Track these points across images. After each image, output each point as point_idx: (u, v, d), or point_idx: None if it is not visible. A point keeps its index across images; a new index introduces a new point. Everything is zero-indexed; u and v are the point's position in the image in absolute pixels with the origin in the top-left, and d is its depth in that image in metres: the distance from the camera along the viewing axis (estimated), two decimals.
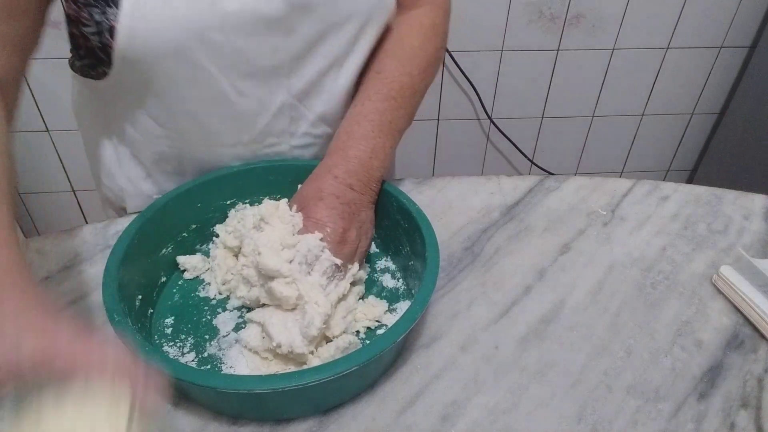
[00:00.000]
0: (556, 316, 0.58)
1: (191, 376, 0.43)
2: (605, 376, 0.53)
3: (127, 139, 0.66)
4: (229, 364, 0.52)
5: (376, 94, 0.61)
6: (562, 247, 0.66)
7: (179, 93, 0.58)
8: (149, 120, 0.62)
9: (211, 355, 0.53)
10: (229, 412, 0.48)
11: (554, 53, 1.55)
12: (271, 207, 0.57)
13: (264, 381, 0.43)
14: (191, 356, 0.53)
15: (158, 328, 0.56)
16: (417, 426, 0.48)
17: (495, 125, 1.66)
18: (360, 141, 0.59)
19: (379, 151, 0.59)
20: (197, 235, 0.63)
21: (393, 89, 0.61)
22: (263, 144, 0.65)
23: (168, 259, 0.61)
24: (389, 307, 0.58)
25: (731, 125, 1.65)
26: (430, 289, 0.49)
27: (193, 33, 0.53)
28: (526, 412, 0.50)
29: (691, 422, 0.49)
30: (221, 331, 0.55)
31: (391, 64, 0.63)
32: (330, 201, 0.55)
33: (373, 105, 0.60)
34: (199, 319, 0.57)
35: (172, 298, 0.59)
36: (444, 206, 0.71)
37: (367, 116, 0.60)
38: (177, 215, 0.60)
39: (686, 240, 0.68)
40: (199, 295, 0.59)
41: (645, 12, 1.49)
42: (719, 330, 0.57)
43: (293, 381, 0.42)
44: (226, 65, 0.57)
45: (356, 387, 0.50)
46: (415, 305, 0.48)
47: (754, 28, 1.56)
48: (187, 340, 0.55)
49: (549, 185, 0.75)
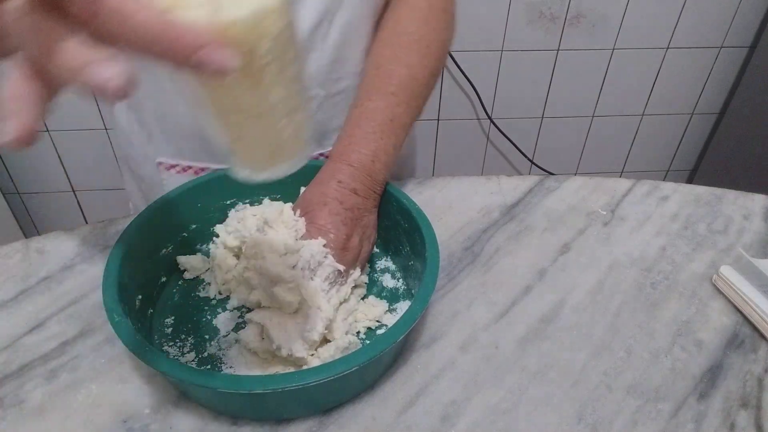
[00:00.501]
0: (556, 316, 0.58)
1: (192, 377, 0.43)
2: (605, 376, 0.53)
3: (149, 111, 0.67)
4: (229, 364, 0.52)
5: (376, 92, 0.60)
6: (562, 247, 0.66)
7: None
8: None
9: (212, 354, 0.53)
10: (229, 412, 0.48)
11: (554, 53, 1.55)
12: (275, 211, 0.57)
13: (264, 381, 0.43)
14: (191, 356, 0.53)
15: (158, 327, 0.56)
16: (417, 426, 0.48)
17: (495, 125, 1.66)
18: (362, 144, 0.58)
19: (382, 153, 0.58)
20: (197, 235, 0.63)
21: (392, 84, 0.60)
22: None
23: (168, 259, 0.61)
24: (389, 307, 0.58)
25: (731, 125, 1.65)
26: (431, 288, 0.49)
27: None
28: (526, 412, 0.50)
29: (691, 422, 0.49)
30: (221, 331, 0.55)
31: (388, 56, 0.61)
32: (334, 206, 0.55)
33: (373, 104, 0.60)
34: (200, 319, 0.57)
35: (172, 298, 0.59)
36: (444, 206, 0.71)
37: (367, 117, 0.60)
38: (177, 215, 0.60)
39: (686, 240, 0.68)
40: (199, 295, 0.59)
41: (645, 12, 1.49)
42: (719, 330, 0.57)
43: (294, 381, 0.42)
44: None
45: (356, 387, 0.50)
46: (416, 305, 0.48)
47: (754, 28, 1.56)
48: (188, 339, 0.55)
49: (549, 185, 0.75)
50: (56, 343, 0.54)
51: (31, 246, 0.64)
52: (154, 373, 0.51)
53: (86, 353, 0.53)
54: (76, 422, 0.48)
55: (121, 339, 0.44)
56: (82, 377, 0.51)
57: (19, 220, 1.61)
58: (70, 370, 0.52)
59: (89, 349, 0.54)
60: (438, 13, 0.63)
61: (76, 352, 0.53)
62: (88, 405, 0.49)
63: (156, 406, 0.49)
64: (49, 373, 0.52)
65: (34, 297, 0.59)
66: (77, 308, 0.57)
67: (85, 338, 0.54)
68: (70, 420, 0.48)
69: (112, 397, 0.50)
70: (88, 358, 0.53)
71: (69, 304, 0.58)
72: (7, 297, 0.59)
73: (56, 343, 0.54)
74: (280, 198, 0.65)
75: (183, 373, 0.43)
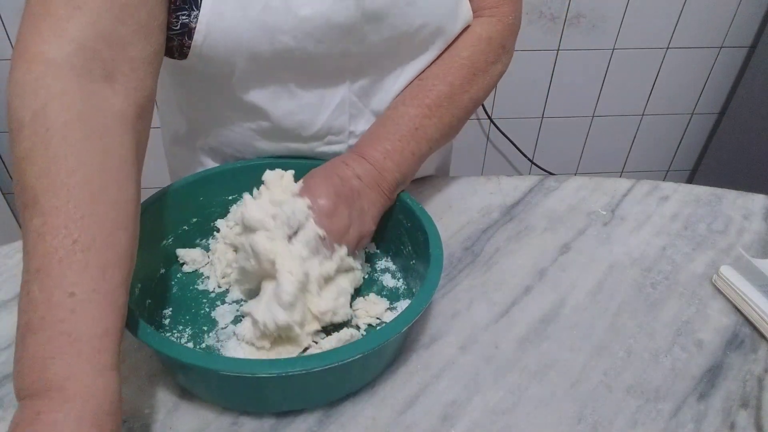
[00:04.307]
0: (556, 316, 0.58)
1: (195, 359, 0.43)
2: (605, 376, 0.53)
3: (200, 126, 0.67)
4: (227, 356, 0.52)
5: (412, 99, 0.61)
6: (562, 247, 0.66)
7: (247, 89, 0.59)
8: (219, 107, 0.62)
9: (209, 346, 0.53)
10: (229, 404, 0.48)
11: (554, 53, 1.55)
12: (276, 175, 0.56)
13: (268, 365, 0.43)
14: (189, 346, 0.53)
15: (156, 318, 0.56)
16: (417, 426, 0.48)
17: (495, 125, 1.66)
18: (378, 141, 0.58)
19: (396, 154, 0.58)
20: (198, 229, 0.63)
21: (429, 97, 0.60)
22: (323, 141, 0.65)
23: (168, 251, 0.61)
24: (390, 305, 0.58)
25: (731, 125, 1.65)
26: (437, 277, 0.49)
27: (265, 36, 0.53)
28: (526, 412, 0.50)
29: (691, 422, 0.49)
30: (220, 323, 0.56)
31: (435, 72, 0.62)
32: (332, 178, 0.55)
33: (405, 109, 0.60)
34: (198, 311, 0.57)
35: (171, 290, 0.59)
36: (444, 206, 0.71)
37: (394, 120, 0.60)
38: (178, 208, 0.60)
39: (686, 240, 0.68)
40: (198, 288, 0.60)
41: (645, 12, 1.49)
42: (719, 330, 0.57)
43: (297, 366, 0.42)
44: (294, 68, 0.57)
45: (358, 380, 0.50)
46: (423, 294, 0.48)
47: (754, 28, 1.56)
48: (185, 330, 0.55)
49: (549, 185, 0.75)
50: None
51: None
52: (154, 373, 0.51)
53: None
54: None
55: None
56: None
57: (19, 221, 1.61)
58: None
59: None
60: (495, 47, 0.64)
61: None
62: None
63: (156, 406, 0.49)
64: None
65: None
66: None
67: None
68: None
69: None
70: None
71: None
72: (7, 297, 0.59)
73: None
74: None
75: (187, 356, 0.42)
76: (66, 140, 0.40)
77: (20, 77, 0.42)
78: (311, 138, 0.64)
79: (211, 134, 0.67)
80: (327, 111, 0.62)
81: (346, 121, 0.64)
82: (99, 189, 0.40)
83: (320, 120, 0.63)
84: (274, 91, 0.60)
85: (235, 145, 0.66)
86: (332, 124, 0.64)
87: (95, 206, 0.40)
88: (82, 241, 0.38)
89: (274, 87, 0.59)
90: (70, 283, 0.37)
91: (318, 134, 0.64)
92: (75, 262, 0.38)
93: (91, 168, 0.40)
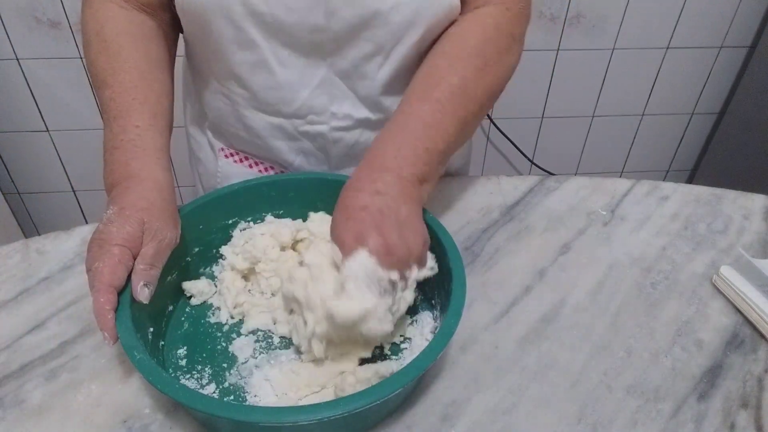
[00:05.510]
0: (556, 316, 0.58)
1: (230, 412, 0.41)
2: (605, 376, 0.53)
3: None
4: (253, 393, 0.50)
5: (420, 95, 0.58)
6: (562, 247, 0.66)
7: (228, 55, 0.63)
8: (212, 78, 0.68)
9: (233, 384, 0.51)
10: None
11: (554, 53, 1.55)
12: (318, 254, 0.52)
13: (306, 411, 0.41)
14: (212, 388, 0.51)
15: (171, 360, 0.53)
16: (417, 426, 0.48)
17: (495, 125, 1.66)
18: (386, 144, 0.56)
19: (408, 151, 0.54)
20: (200, 258, 0.61)
21: (439, 90, 0.57)
22: (305, 120, 0.66)
23: (173, 286, 0.58)
24: (411, 318, 0.56)
25: (731, 125, 1.65)
26: (457, 317, 0.47)
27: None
28: (526, 412, 0.50)
29: (691, 422, 0.49)
30: (239, 358, 0.53)
31: (442, 64, 0.60)
32: (358, 216, 0.50)
33: (412, 107, 0.57)
34: (214, 347, 0.54)
35: (182, 327, 0.57)
36: (444, 206, 0.71)
37: (400, 120, 0.57)
38: (180, 240, 0.56)
39: (686, 240, 0.68)
40: (210, 321, 0.57)
41: (645, 12, 1.49)
42: (719, 330, 0.57)
43: (339, 409, 0.41)
44: (267, 33, 0.60)
45: (377, 416, 0.49)
46: (440, 338, 0.46)
47: (754, 28, 1.56)
48: (205, 370, 0.52)
49: (549, 185, 0.75)
50: (56, 343, 0.54)
51: (31, 246, 0.64)
52: None
53: (86, 353, 0.53)
54: (75, 422, 0.48)
55: (145, 377, 0.43)
56: (82, 377, 0.51)
57: (19, 220, 1.61)
58: (70, 370, 0.52)
59: (89, 349, 0.54)
60: (503, 36, 0.62)
61: (76, 352, 0.53)
62: (88, 405, 0.49)
63: (156, 406, 0.49)
64: (49, 373, 0.52)
65: (34, 297, 0.59)
66: (77, 308, 0.57)
67: (85, 338, 0.55)
68: (69, 420, 0.48)
69: (112, 397, 0.50)
70: (87, 358, 0.53)
71: (69, 304, 0.58)
72: (7, 297, 0.59)
73: (56, 343, 0.54)
74: (282, 214, 0.64)
75: (222, 410, 0.41)
76: (119, 45, 0.60)
77: (86, 10, 0.63)
78: (293, 115, 0.66)
79: (211, 108, 0.72)
80: (307, 89, 0.64)
81: (326, 101, 0.65)
82: (145, 70, 0.60)
83: (301, 97, 0.64)
84: (255, 63, 0.63)
85: (230, 120, 0.70)
86: (313, 103, 0.65)
87: (143, 81, 0.59)
88: (138, 98, 0.58)
89: (255, 58, 0.62)
90: (134, 120, 0.57)
91: (299, 112, 0.65)
92: (135, 110, 0.57)
93: (137, 59, 0.60)
